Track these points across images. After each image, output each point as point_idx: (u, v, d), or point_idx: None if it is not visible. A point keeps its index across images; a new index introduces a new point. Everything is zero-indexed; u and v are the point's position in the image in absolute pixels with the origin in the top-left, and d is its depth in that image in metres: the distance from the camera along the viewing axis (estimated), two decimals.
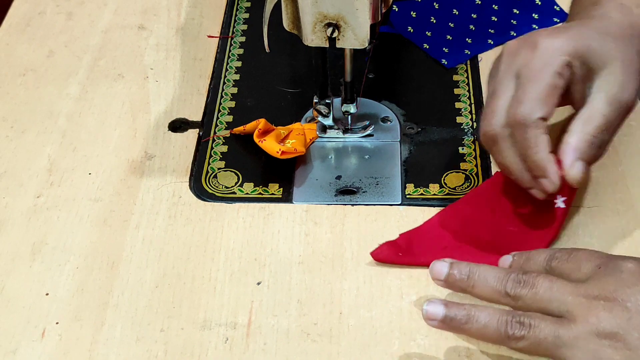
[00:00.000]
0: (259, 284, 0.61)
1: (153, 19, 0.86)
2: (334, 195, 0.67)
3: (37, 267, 0.63)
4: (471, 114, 0.74)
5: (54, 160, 0.71)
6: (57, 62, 0.81)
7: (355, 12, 0.63)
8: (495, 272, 0.53)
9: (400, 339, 0.57)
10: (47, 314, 0.59)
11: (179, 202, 0.67)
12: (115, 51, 0.82)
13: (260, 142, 0.68)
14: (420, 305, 0.59)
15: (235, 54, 0.81)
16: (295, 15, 0.65)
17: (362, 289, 0.60)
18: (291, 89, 0.77)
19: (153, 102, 0.76)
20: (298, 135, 0.70)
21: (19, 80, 0.79)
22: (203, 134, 0.73)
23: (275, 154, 0.67)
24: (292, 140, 0.70)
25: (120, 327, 0.58)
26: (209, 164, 0.70)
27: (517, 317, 0.51)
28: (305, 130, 0.71)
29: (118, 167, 0.70)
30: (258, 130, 0.69)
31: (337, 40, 0.65)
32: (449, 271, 0.54)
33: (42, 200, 0.67)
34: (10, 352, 0.57)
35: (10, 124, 0.74)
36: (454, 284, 0.54)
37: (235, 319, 0.59)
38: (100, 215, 0.66)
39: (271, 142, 0.68)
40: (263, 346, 0.57)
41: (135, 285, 0.61)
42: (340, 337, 0.57)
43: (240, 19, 0.86)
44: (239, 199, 0.67)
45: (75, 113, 0.75)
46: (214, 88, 0.78)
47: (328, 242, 0.64)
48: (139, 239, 0.64)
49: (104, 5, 0.87)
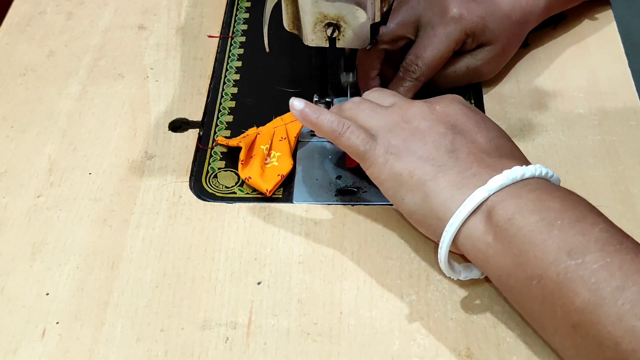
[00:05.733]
0: (259, 283, 0.61)
1: (153, 19, 0.86)
2: (334, 195, 0.67)
3: (37, 267, 0.63)
4: None
5: (54, 160, 0.71)
6: (57, 62, 0.81)
7: (356, 12, 0.63)
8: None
9: (400, 339, 0.57)
10: (47, 314, 0.59)
11: (179, 202, 0.67)
12: (115, 51, 0.82)
13: (247, 180, 0.68)
14: (420, 305, 0.59)
15: (235, 54, 0.81)
16: (295, 15, 0.65)
17: (362, 289, 0.60)
18: (291, 89, 0.77)
19: (153, 102, 0.76)
20: (281, 142, 0.70)
21: (19, 80, 0.79)
22: (203, 134, 0.73)
23: (265, 192, 0.67)
24: (276, 152, 0.69)
25: (120, 327, 0.58)
26: (209, 163, 0.70)
27: (343, 120, 0.62)
28: (287, 128, 0.71)
29: (118, 167, 0.70)
30: (241, 163, 0.68)
31: (337, 40, 0.65)
32: (304, 108, 0.63)
33: (42, 200, 0.67)
34: (10, 352, 0.57)
35: (10, 124, 0.74)
36: (304, 118, 0.63)
37: (236, 319, 0.59)
38: (100, 215, 0.66)
39: (257, 179, 0.67)
40: (263, 346, 0.57)
41: (136, 285, 0.61)
42: (341, 337, 0.57)
43: (240, 19, 0.86)
44: (239, 198, 0.67)
45: (75, 113, 0.75)
46: (214, 88, 0.78)
47: (328, 242, 0.64)
48: (139, 239, 0.64)
49: (104, 5, 0.87)
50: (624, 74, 0.76)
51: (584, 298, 0.50)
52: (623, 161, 0.68)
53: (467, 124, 0.60)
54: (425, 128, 0.60)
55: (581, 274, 0.50)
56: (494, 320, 0.58)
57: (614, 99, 0.74)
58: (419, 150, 0.59)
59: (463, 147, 0.59)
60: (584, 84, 0.76)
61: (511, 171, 0.55)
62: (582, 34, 0.81)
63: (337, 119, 0.61)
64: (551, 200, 0.54)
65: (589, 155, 0.69)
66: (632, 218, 0.64)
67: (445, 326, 0.58)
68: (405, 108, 0.62)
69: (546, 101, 0.74)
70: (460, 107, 0.62)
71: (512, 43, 0.74)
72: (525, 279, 0.53)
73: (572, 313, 0.50)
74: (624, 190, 0.66)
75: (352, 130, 0.61)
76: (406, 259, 0.62)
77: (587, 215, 0.53)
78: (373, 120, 0.62)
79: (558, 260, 0.51)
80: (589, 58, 0.78)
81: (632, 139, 0.70)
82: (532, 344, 0.56)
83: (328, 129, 0.62)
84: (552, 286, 0.51)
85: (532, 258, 0.52)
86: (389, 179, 0.60)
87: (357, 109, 0.63)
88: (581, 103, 0.74)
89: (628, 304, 0.48)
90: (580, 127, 0.72)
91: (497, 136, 0.61)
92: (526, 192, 0.55)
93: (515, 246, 0.53)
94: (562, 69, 0.77)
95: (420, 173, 0.58)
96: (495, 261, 0.55)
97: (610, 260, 0.50)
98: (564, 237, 0.52)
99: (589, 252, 0.51)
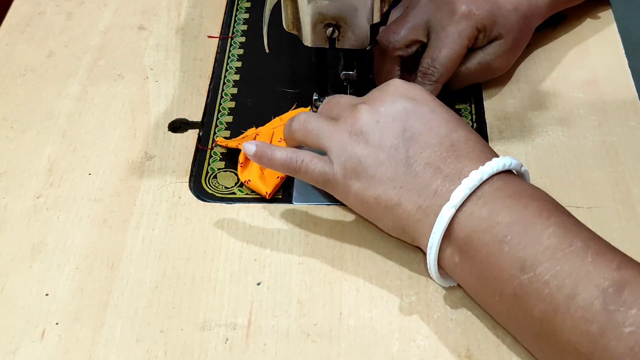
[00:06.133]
0: (259, 284, 0.61)
1: (153, 19, 0.86)
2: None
3: (37, 267, 0.63)
4: (471, 114, 0.74)
5: (54, 160, 0.71)
6: (57, 62, 0.81)
7: (355, 12, 0.63)
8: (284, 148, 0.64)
9: (400, 340, 0.57)
10: (47, 315, 0.59)
11: (178, 202, 0.67)
12: (115, 51, 0.82)
13: (246, 182, 0.68)
14: (420, 306, 0.59)
15: (235, 54, 0.81)
16: (295, 15, 0.65)
17: (362, 289, 0.60)
18: (291, 89, 0.77)
19: (153, 103, 0.76)
20: (280, 143, 0.69)
21: (19, 81, 0.79)
22: (203, 135, 0.73)
23: (265, 195, 0.67)
24: None
25: (120, 328, 0.58)
26: (209, 164, 0.70)
27: (297, 154, 0.62)
28: (275, 132, 0.71)
29: (118, 167, 0.70)
30: (240, 165, 0.68)
31: (337, 41, 0.65)
32: (256, 150, 0.63)
33: (42, 200, 0.67)
34: (10, 352, 0.57)
35: (10, 124, 0.74)
36: (259, 159, 0.63)
37: (235, 320, 0.59)
38: (100, 215, 0.66)
39: (256, 182, 0.67)
40: (263, 347, 0.57)
41: (135, 285, 0.61)
42: (340, 338, 0.57)
43: (240, 19, 0.86)
44: (239, 199, 0.67)
45: (75, 113, 0.75)
46: (214, 88, 0.78)
47: (328, 243, 0.64)
48: (139, 240, 0.64)
49: (104, 5, 0.87)
50: (624, 74, 0.76)
51: (541, 309, 0.51)
52: (623, 161, 0.68)
53: (416, 125, 0.59)
54: (376, 143, 0.59)
55: (535, 286, 0.52)
56: (494, 321, 0.58)
57: (614, 99, 0.74)
58: (377, 172, 0.59)
59: (418, 156, 0.58)
60: (584, 84, 0.76)
61: (469, 179, 0.55)
62: (582, 34, 0.80)
63: (291, 154, 0.61)
64: (501, 214, 0.54)
65: (589, 156, 0.69)
66: (632, 218, 0.64)
67: (445, 327, 0.58)
68: (350, 120, 0.60)
69: (546, 101, 0.74)
70: (405, 105, 0.60)
71: (522, 36, 0.74)
72: (489, 295, 0.55)
73: (533, 323, 0.52)
74: (624, 190, 0.66)
75: (306, 164, 0.61)
76: (406, 260, 0.62)
77: (536, 221, 0.54)
78: (323, 140, 0.61)
79: (513, 277, 0.53)
80: (589, 58, 0.78)
81: (632, 139, 0.70)
82: None
83: (284, 166, 0.62)
84: (511, 301, 0.53)
85: (490, 277, 0.54)
86: (357, 204, 0.61)
87: (305, 130, 0.62)
88: (581, 103, 0.74)
89: (580, 311, 0.50)
90: (580, 128, 0.72)
91: (450, 129, 0.59)
92: (479, 208, 0.55)
93: (476, 266, 0.55)
94: (562, 69, 0.77)
95: (385, 199, 0.58)
96: (463, 279, 0.57)
97: (559, 269, 0.51)
98: (514, 253, 0.53)
99: (539, 263, 0.52)
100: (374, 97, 0.62)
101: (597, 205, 0.65)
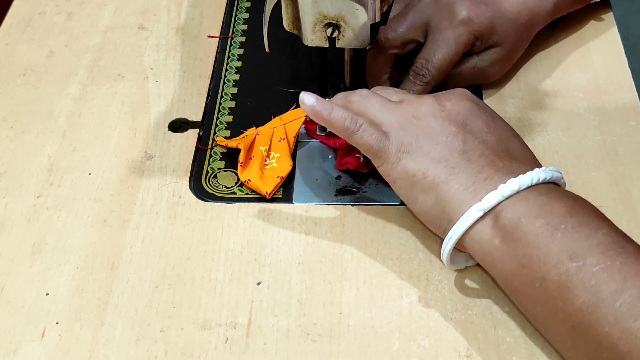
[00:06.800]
0: (259, 284, 0.61)
1: (153, 19, 0.86)
2: (334, 195, 0.67)
3: (37, 267, 0.63)
4: None
5: (54, 160, 0.71)
6: (57, 62, 0.81)
7: (355, 12, 0.63)
8: None
9: (400, 339, 0.57)
10: (47, 314, 0.59)
11: (179, 202, 0.67)
12: (115, 51, 0.82)
13: (246, 182, 0.68)
14: (420, 305, 0.59)
15: (235, 54, 0.81)
16: (295, 15, 0.65)
17: (362, 289, 0.60)
18: (291, 89, 0.77)
19: (153, 102, 0.76)
20: (280, 143, 0.70)
21: (19, 80, 0.79)
22: (203, 135, 0.73)
23: (265, 194, 0.67)
24: (275, 154, 0.69)
25: (120, 327, 0.58)
26: (209, 164, 0.70)
27: (356, 118, 0.61)
28: (286, 128, 0.71)
29: (118, 167, 0.70)
30: (240, 165, 0.68)
31: (337, 40, 0.65)
32: (315, 104, 0.62)
33: (42, 200, 0.67)
34: (10, 352, 0.57)
35: (10, 124, 0.74)
36: (316, 114, 0.62)
37: (235, 319, 0.59)
38: (100, 215, 0.66)
39: (256, 182, 0.67)
40: (263, 346, 0.57)
41: (135, 285, 0.61)
42: (340, 337, 0.57)
43: (240, 19, 0.86)
44: (239, 199, 0.67)
45: (75, 113, 0.75)
46: (214, 88, 0.78)
47: (328, 242, 0.64)
48: (139, 239, 0.64)
49: (104, 5, 0.87)
50: (624, 74, 0.76)
51: (584, 300, 0.50)
52: (623, 161, 0.68)
53: (477, 123, 0.60)
54: (436, 127, 0.60)
55: (581, 276, 0.51)
56: (494, 321, 0.58)
57: (614, 99, 0.74)
58: (432, 150, 0.59)
59: (475, 148, 0.59)
60: (584, 84, 0.76)
61: (522, 177, 0.56)
62: (583, 35, 0.80)
63: (350, 116, 0.61)
64: (557, 205, 0.55)
65: (589, 155, 0.69)
66: (632, 218, 0.64)
67: (445, 326, 0.58)
68: (415, 104, 0.62)
69: (546, 101, 0.74)
70: (469, 105, 0.61)
71: (519, 45, 0.74)
72: (529, 281, 0.54)
73: (572, 314, 0.51)
74: (624, 190, 0.66)
75: (365, 128, 0.61)
76: (406, 259, 0.62)
77: (591, 220, 0.54)
78: (383, 114, 0.62)
79: (560, 263, 0.52)
80: (589, 58, 0.78)
81: (632, 139, 0.70)
82: (532, 344, 0.57)
83: (340, 127, 0.61)
84: (553, 288, 0.52)
85: (535, 261, 0.53)
86: (402, 177, 0.60)
87: (366, 102, 0.63)
88: (581, 103, 0.74)
89: (626, 306, 0.49)
90: (580, 127, 0.72)
91: (508, 137, 0.61)
92: (533, 197, 0.55)
93: (520, 249, 0.54)
94: (562, 69, 0.77)
95: (433, 175, 0.58)
96: (501, 263, 0.56)
97: (610, 263, 0.51)
98: (567, 241, 0.52)
99: (590, 255, 0.51)
100: (440, 93, 0.63)
101: (597, 205, 0.65)
